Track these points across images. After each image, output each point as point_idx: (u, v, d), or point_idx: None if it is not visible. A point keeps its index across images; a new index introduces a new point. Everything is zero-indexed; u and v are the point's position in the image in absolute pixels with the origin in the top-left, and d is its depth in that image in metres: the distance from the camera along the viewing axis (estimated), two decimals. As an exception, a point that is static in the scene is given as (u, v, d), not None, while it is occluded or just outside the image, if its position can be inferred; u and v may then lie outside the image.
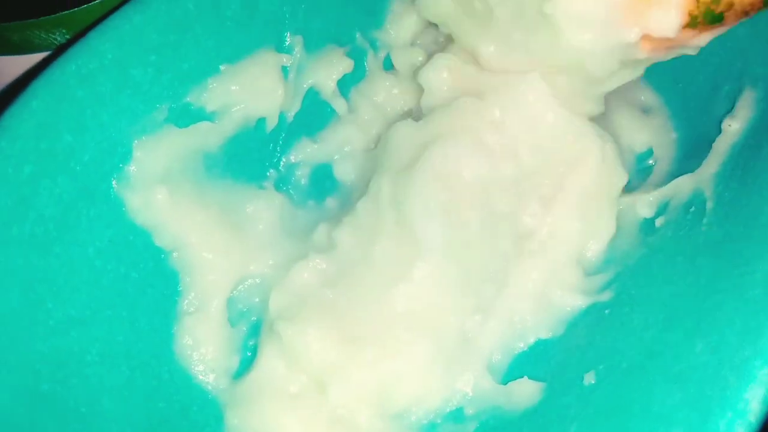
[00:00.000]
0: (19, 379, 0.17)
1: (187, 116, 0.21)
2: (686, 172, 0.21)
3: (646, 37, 0.19)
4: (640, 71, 0.20)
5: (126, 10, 0.19)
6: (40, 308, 0.18)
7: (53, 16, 0.21)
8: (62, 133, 0.18)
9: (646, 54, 0.19)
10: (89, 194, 0.19)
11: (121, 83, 0.19)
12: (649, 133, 0.24)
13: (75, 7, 0.21)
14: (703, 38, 0.19)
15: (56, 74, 0.18)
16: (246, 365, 0.21)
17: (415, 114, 0.24)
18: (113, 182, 0.19)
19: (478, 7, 0.21)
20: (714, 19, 0.18)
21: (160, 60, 0.20)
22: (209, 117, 0.21)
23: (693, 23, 0.18)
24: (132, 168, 0.20)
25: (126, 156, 0.20)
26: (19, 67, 0.22)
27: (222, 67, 0.21)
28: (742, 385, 0.14)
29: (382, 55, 0.25)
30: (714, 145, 0.21)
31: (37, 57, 0.22)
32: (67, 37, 0.21)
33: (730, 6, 0.18)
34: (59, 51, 0.20)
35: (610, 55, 0.19)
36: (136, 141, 0.20)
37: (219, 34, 0.21)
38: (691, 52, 0.19)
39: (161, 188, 0.20)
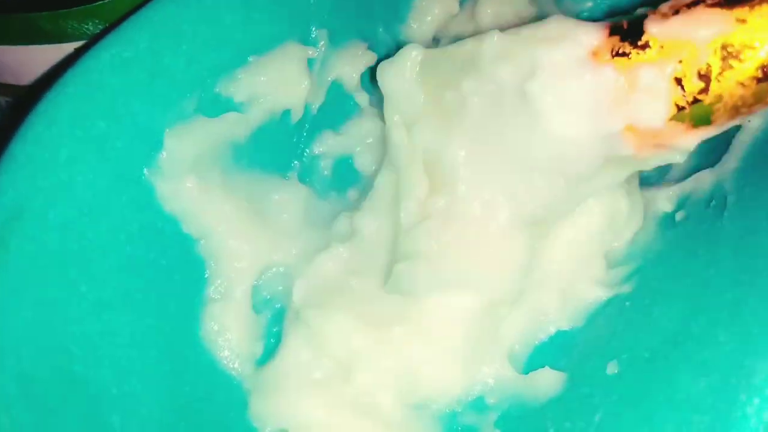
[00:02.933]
0: (54, 360, 0.17)
1: (216, 106, 0.21)
2: (705, 168, 0.21)
3: (631, 129, 0.17)
4: (623, 174, 0.19)
5: (160, 0, 0.19)
6: (74, 291, 0.18)
7: (86, 6, 0.21)
8: (96, 121, 0.19)
9: (631, 150, 0.17)
10: (122, 181, 0.19)
11: (154, 72, 0.19)
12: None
13: (108, -2, 0.21)
14: (691, 138, 0.17)
15: (92, 62, 0.18)
16: (270, 352, 0.21)
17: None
18: (144, 170, 0.20)
19: (448, 99, 0.19)
20: (703, 113, 0.16)
21: (191, 50, 0.20)
22: (237, 107, 0.22)
23: (680, 117, 0.16)
24: (163, 156, 0.20)
25: (157, 144, 0.20)
26: (51, 57, 0.22)
27: (250, 59, 0.21)
28: (768, 372, 0.14)
29: (403, 49, 0.25)
30: (734, 140, 0.21)
31: (69, 47, 0.22)
32: (99, 27, 0.21)
33: (719, 99, 0.16)
34: (92, 41, 0.21)
35: (595, 147, 0.17)
36: (167, 129, 0.20)
37: (248, 25, 0.21)
38: (678, 157, 0.17)
39: (190, 176, 0.20)
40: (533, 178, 0.18)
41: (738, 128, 0.22)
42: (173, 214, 0.21)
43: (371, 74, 0.24)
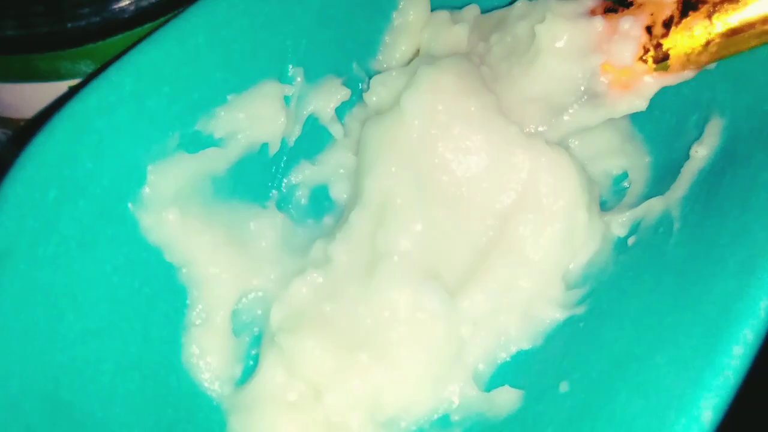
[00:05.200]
0: (41, 387, 0.18)
1: (197, 142, 0.22)
2: (658, 194, 0.23)
3: (608, 66, 0.22)
4: (596, 118, 0.22)
5: (143, 45, 0.21)
6: (62, 321, 0.19)
7: (79, 48, 0.22)
8: (83, 161, 0.20)
9: (605, 85, 0.22)
10: (107, 216, 0.20)
11: (138, 113, 0.21)
12: (625, 156, 0.25)
13: (99, 41, 0.22)
14: (652, 82, 0.21)
15: (78, 107, 0.20)
16: (248, 374, 0.23)
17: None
18: (129, 204, 0.21)
19: (480, 48, 0.25)
20: (662, 56, 0.21)
21: (173, 91, 0.21)
22: (217, 143, 0.23)
23: (646, 58, 0.21)
24: (146, 191, 0.21)
25: (141, 180, 0.21)
26: (48, 93, 0.24)
27: (229, 97, 0.23)
28: (696, 395, 0.15)
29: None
30: (683, 169, 0.22)
31: (64, 84, 0.23)
32: (92, 66, 0.23)
33: (675, 44, 0.20)
34: (86, 79, 0.22)
35: (577, 80, 0.22)
36: (150, 166, 0.21)
37: (227, 66, 0.22)
38: (642, 104, 0.22)
39: (173, 209, 0.22)
40: (528, 104, 0.23)
41: (686, 157, 0.23)
42: (156, 244, 0.22)
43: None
